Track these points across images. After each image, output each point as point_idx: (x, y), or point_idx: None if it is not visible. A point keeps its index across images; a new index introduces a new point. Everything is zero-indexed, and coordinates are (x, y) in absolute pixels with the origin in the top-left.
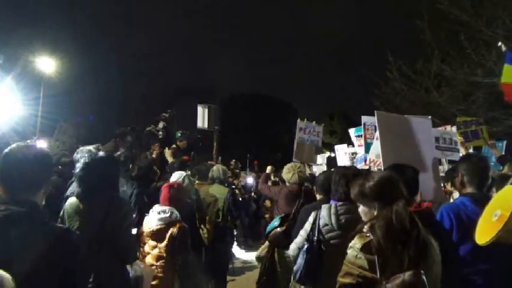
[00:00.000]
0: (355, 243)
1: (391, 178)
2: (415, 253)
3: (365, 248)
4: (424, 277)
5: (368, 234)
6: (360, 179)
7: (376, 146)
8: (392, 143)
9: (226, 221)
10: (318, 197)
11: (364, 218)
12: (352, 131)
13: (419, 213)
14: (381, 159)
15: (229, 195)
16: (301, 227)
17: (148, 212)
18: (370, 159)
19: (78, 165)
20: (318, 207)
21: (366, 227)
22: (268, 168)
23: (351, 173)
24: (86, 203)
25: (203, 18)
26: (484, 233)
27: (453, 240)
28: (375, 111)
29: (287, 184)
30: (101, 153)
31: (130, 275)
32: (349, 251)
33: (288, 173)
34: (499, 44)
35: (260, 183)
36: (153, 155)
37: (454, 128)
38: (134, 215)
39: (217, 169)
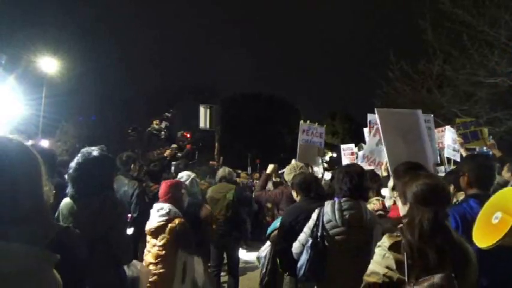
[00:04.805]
0: (384, 242)
1: (437, 185)
2: (448, 257)
3: (394, 247)
4: (455, 281)
5: (398, 234)
6: (418, 177)
7: (371, 143)
8: (395, 140)
9: (236, 215)
10: (298, 198)
11: (400, 213)
12: (366, 130)
13: None
14: (374, 156)
15: (238, 189)
16: (288, 229)
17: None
18: (364, 154)
19: (71, 166)
20: (303, 208)
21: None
22: (270, 167)
23: (354, 171)
24: (79, 203)
25: (204, 18)
26: (485, 235)
27: None
28: (376, 109)
29: (289, 184)
30: (95, 153)
31: (127, 275)
32: (376, 250)
33: (289, 173)
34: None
35: (256, 190)
36: (165, 154)
37: (448, 127)
38: (130, 215)
39: (223, 170)
